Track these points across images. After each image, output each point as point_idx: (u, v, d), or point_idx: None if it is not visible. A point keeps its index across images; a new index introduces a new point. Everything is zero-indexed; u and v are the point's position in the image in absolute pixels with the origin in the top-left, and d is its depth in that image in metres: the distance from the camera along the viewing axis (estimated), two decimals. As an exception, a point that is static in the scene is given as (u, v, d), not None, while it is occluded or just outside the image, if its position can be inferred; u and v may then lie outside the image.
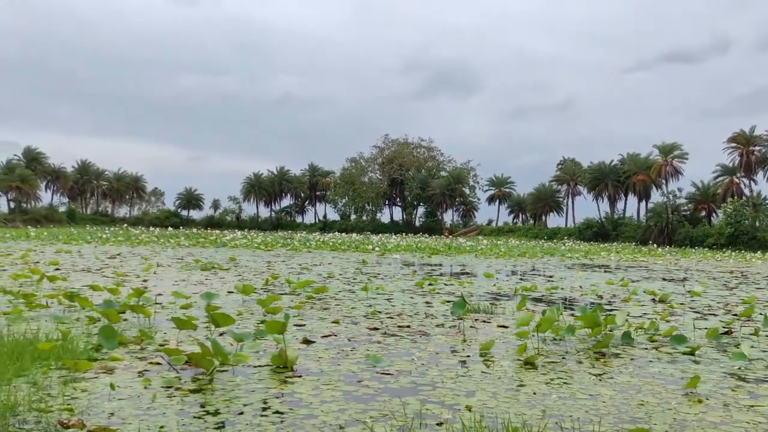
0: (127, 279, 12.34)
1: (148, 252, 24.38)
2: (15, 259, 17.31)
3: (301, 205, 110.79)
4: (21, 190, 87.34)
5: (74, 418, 3.46)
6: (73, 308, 7.79)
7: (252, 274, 14.65)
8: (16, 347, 4.90)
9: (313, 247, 31.87)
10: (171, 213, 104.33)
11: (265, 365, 4.93)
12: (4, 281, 11.07)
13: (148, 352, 5.35)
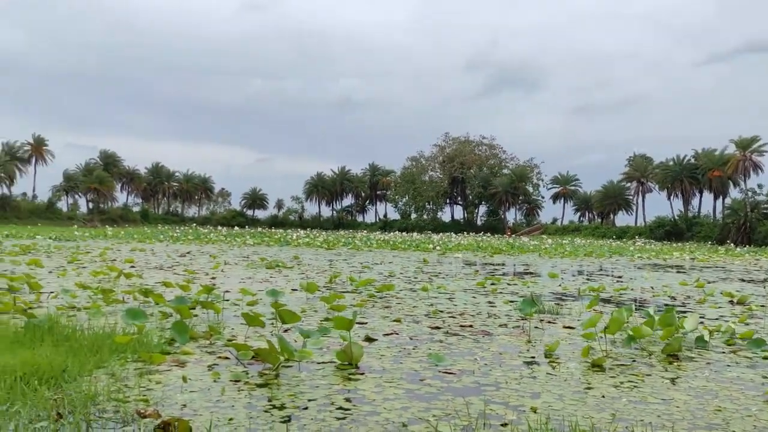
0: (197, 276, 12.73)
1: (215, 250, 25.10)
2: (94, 257, 18.15)
3: (362, 204, 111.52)
4: (98, 191, 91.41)
5: (150, 408, 3.60)
6: (147, 304, 8.11)
7: (315, 272, 14.87)
8: (95, 340, 5.14)
9: (374, 246, 32.06)
10: (237, 213, 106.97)
11: (328, 362, 5.00)
12: (84, 278, 11.62)
13: (217, 346, 5.51)
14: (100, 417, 3.48)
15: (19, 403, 3.61)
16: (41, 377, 4.06)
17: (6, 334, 5.29)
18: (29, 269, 13.13)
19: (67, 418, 3.41)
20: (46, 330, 5.42)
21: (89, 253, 20.05)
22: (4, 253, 18.28)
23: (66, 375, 4.18)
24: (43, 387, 3.87)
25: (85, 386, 3.93)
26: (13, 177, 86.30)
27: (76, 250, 21.99)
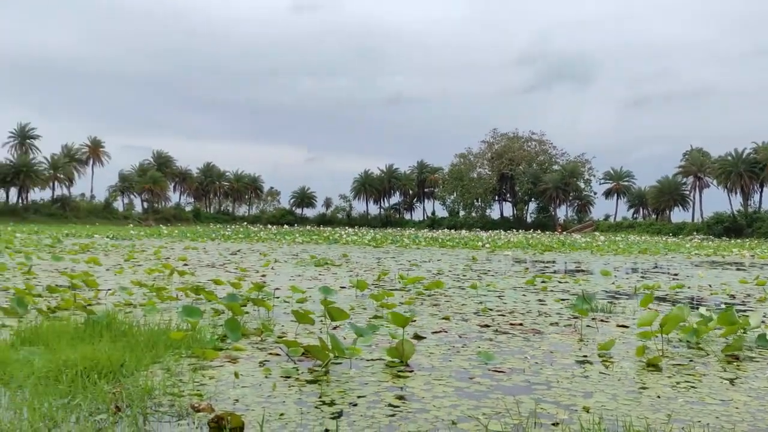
0: (248, 274, 12.95)
1: (265, 248, 25.49)
2: (149, 255, 18.68)
3: (410, 202, 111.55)
4: (153, 191, 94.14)
5: (204, 402, 3.69)
6: (199, 301, 8.29)
7: (363, 270, 14.94)
8: (151, 336, 5.29)
9: (422, 244, 32.01)
10: (286, 211, 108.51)
11: (377, 359, 5.02)
12: (140, 275, 11.97)
13: (267, 343, 5.59)
14: (156, 410, 3.58)
15: (80, 396, 3.74)
16: (100, 371, 4.20)
17: (67, 329, 5.49)
18: (88, 267, 13.60)
19: (125, 411, 3.51)
20: (104, 326, 5.60)
21: (144, 252, 20.64)
22: (64, 252, 18.99)
23: (124, 369, 4.31)
24: (102, 381, 4.01)
25: (142, 380, 4.04)
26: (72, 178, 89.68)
27: (132, 248, 22.67)
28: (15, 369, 4.29)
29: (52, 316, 6.67)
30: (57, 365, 4.25)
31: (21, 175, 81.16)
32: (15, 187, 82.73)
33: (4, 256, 16.72)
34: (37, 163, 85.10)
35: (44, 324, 5.73)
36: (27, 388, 3.89)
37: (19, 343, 5.13)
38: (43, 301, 7.86)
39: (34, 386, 3.91)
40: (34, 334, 5.33)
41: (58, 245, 23.24)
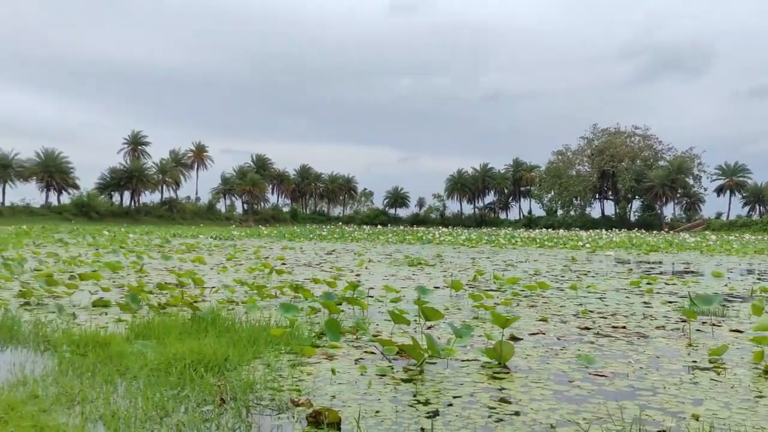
0: (343, 273, 13.19)
1: (360, 248, 25.87)
2: (249, 255, 19.42)
3: (505, 201, 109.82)
4: (252, 193, 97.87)
5: (302, 397, 3.78)
6: (297, 299, 8.53)
7: (457, 270, 14.84)
8: (252, 332, 5.49)
9: (518, 244, 31.42)
10: (379, 211, 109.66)
11: (472, 359, 4.97)
12: (241, 274, 12.46)
13: (362, 341, 5.67)
14: (258, 404, 3.71)
15: (188, 388, 3.94)
16: (206, 365, 4.40)
17: (176, 324, 5.80)
18: (194, 266, 14.31)
19: (229, 404, 3.67)
20: (209, 322, 5.88)
21: (245, 251, 21.47)
22: (172, 251, 20.08)
23: (228, 364, 4.50)
24: (208, 374, 4.20)
25: (245, 375, 4.21)
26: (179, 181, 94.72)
27: (234, 248, 23.64)
28: (130, 361, 4.58)
29: (162, 311, 7.06)
30: (167, 358, 4.50)
31: (133, 179, 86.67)
32: (128, 190, 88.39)
33: (119, 255, 17.90)
34: (148, 167, 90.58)
35: (155, 319, 6.08)
36: (141, 379, 4.15)
37: (133, 336, 5.47)
38: (154, 297, 8.34)
39: (147, 377, 4.16)
40: (146, 328, 5.67)
41: (167, 245, 24.60)
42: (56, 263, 14.24)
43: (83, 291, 9.08)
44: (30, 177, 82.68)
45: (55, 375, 4.30)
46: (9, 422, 3.15)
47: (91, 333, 5.41)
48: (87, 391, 3.88)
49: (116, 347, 4.96)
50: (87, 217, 75.93)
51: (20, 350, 5.25)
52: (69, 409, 3.59)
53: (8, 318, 6.28)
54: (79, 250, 20.59)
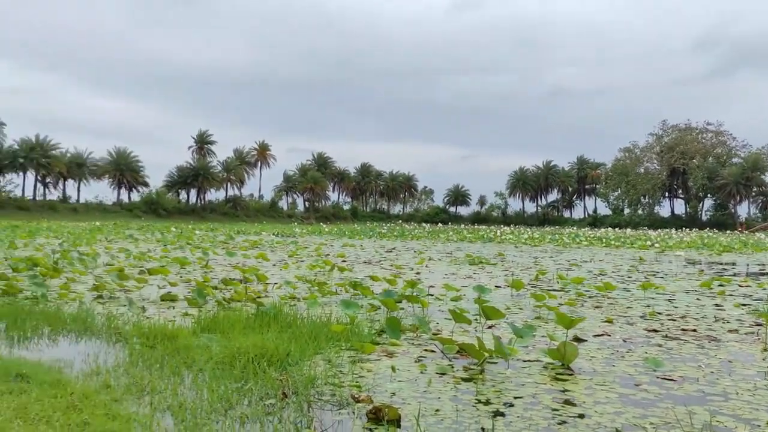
0: (402, 271, 13.20)
1: (419, 246, 25.84)
2: (310, 252, 19.69)
3: (569, 199, 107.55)
4: (313, 190, 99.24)
5: (363, 393, 3.81)
6: (357, 296, 8.59)
7: (519, 269, 14.63)
8: (313, 328, 5.56)
9: (583, 243, 30.71)
10: (440, 209, 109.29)
11: (534, 360, 4.88)
12: (302, 271, 12.65)
13: (422, 340, 5.66)
14: (319, 399, 3.76)
15: (252, 382, 4.03)
16: (269, 359, 4.49)
17: (239, 319, 5.94)
18: (257, 262, 14.61)
19: (291, 398, 3.72)
20: (272, 317, 5.99)
21: (306, 248, 21.78)
22: (236, 248, 20.56)
23: (289, 359, 4.57)
24: (270, 368, 4.28)
25: (306, 370, 4.27)
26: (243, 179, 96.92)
27: (296, 245, 24.02)
28: (196, 354, 4.71)
29: (227, 306, 7.24)
30: (231, 352, 4.61)
31: (200, 177, 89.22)
32: (194, 188, 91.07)
33: (186, 251, 18.46)
34: (213, 166, 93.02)
35: (220, 314, 6.24)
36: (206, 372, 4.26)
37: (199, 330, 5.63)
38: (219, 292, 8.56)
39: (212, 370, 4.28)
40: (211, 322, 5.83)
41: (231, 242, 25.21)
42: (127, 258, 14.81)
43: (152, 285, 9.41)
44: (103, 175, 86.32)
45: (126, 366, 4.47)
46: (83, 410, 3.30)
47: (160, 326, 5.60)
48: (156, 382, 4.02)
49: (183, 340, 5.12)
50: (155, 214, 78.69)
51: (94, 341, 5.48)
52: (139, 398, 3.72)
53: (83, 310, 6.58)
54: (148, 245, 21.35)
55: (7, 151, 75.73)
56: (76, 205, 78.87)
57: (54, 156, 78.48)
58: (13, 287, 8.22)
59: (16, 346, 5.28)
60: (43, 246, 19.03)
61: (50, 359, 4.69)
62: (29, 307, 6.78)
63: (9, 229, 31.19)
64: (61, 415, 3.20)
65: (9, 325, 5.95)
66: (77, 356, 4.86)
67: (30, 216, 63.36)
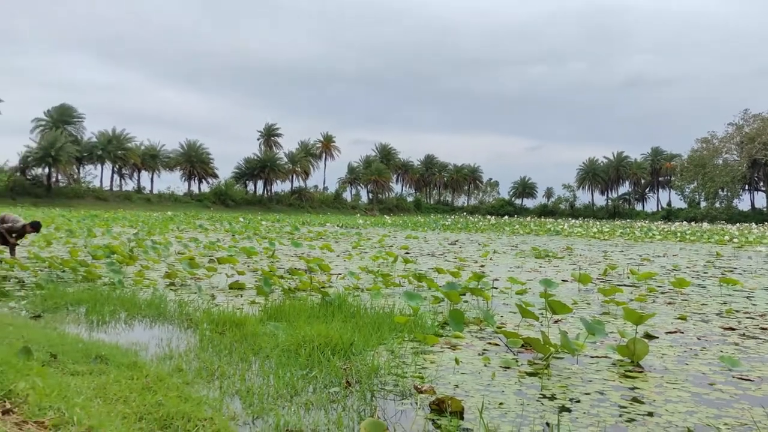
0: (467, 264, 13.11)
1: (484, 239, 25.59)
2: (374, 243, 19.81)
3: (641, 192, 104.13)
4: (377, 182, 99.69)
5: (426, 384, 3.81)
6: (420, 288, 8.59)
7: (587, 263, 14.28)
8: (377, 319, 5.61)
9: (656, 237, 29.70)
10: (505, 202, 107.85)
11: (602, 356, 4.76)
12: (366, 262, 12.75)
13: (486, 333, 5.61)
14: (382, 388, 3.79)
15: (316, 370, 4.10)
16: (333, 348, 4.55)
17: (304, 308, 6.04)
18: (321, 253, 14.82)
19: (354, 387, 3.77)
20: (336, 307, 6.07)
21: (370, 240, 21.92)
22: (301, 238, 20.91)
23: (353, 348, 4.62)
24: (335, 357, 4.34)
25: (369, 360, 4.30)
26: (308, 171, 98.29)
27: (359, 236, 24.21)
28: (263, 341, 4.83)
29: (292, 295, 7.38)
30: (297, 340, 4.69)
31: (266, 169, 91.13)
32: (261, 179, 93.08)
33: (253, 241, 18.91)
34: (279, 158, 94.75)
35: (286, 302, 6.37)
36: (273, 359, 4.36)
37: (266, 318, 5.77)
38: (285, 282, 8.73)
39: (279, 357, 4.37)
40: (278, 311, 5.96)
41: (296, 232, 25.66)
42: (197, 247, 15.30)
43: (221, 274, 9.68)
44: (175, 167, 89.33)
45: (197, 351, 4.62)
46: (158, 392, 3.43)
47: (228, 313, 5.77)
48: (225, 367, 4.14)
49: (250, 327, 5.26)
50: (224, 204, 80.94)
51: (166, 326, 5.70)
52: (209, 383, 3.84)
53: (156, 297, 6.84)
54: (217, 235, 21.99)
55: (87, 143, 79.38)
56: (149, 196, 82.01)
57: (129, 148, 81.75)
58: (93, 273, 8.63)
59: (96, 329, 5.55)
60: (119, 234, 19.89)
61: (127, 342, 4.90)
62: (107, 292, 7.10)
63: (88, 218, 32.73)
64: (137, 395, 3.34)
65: (89, 309, 6.25)
66: (151, 340, 5.06)
67: (107, 206, 66.35)
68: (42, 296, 6.85)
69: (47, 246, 14.16)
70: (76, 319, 5.94)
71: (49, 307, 6.35)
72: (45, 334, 4.78)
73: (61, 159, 69.25)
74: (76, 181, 77.47)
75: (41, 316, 5.92)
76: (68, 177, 75.72)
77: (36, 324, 5.46)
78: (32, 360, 3.74)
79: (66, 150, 69.62)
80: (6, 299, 6.84)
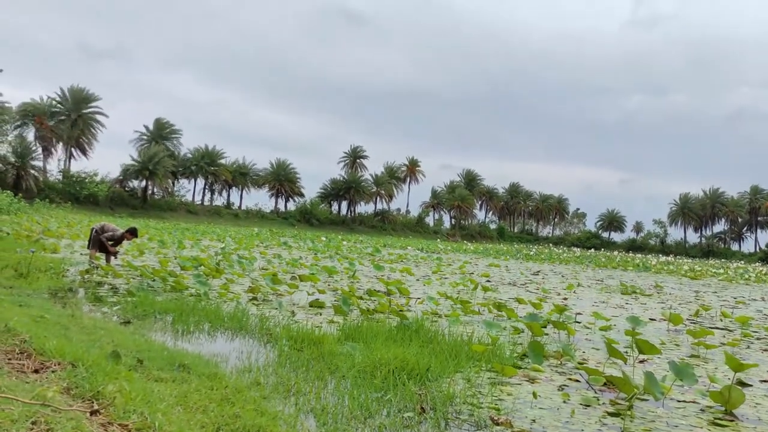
0: (549, 295, 12.78)
1: (568, 271, 24.88)
2: (454, 269, 19.66)
3: (738, 231, 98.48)
4: (461, 208, 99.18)
5: (502, 417, 3.73)
6: (500, 317, 8.43)
7: (677, 302, 13.60)
8: (454, 346, 5.55)
9: (752, 280, 27.95)
10: (591, 234, 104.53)
11: (690, 401, 4.51)
12: (445, 288, 12.66)
13: (567, 368, 5.43)
14: (456, 417, 3.73)
15: (391, 393, 4.09)
16: (409, 373, 4.53)
17: (382, 330, 6.06)
18: (401, 276, 14.83)
19: (429, 413, 3.73)
20: (413, 331, 6.05)
21: (450, 266, 21.77)
22: (382, 261, 21.02)
23: (429, 374, 4.58)
24: (410, 382, 4.32)
25: (445, 387, 4.26)
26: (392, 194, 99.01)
27: (440, 261, 24.08)
28: (339, 360, 4.87)
29: (371, 317, 7.42)
30: (373, 362, 4.71)
31: (351, 190, 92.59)
32: (346, 200, 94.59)
33: (335, 261, 19.18)
34: (364, 179, 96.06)
35: (364, 323, 6.41)
36: (348, 379, 4.39)
37: (344, 338, 5.82)
38: (363, 303, 8.80)
39: (354, 378, 4.40)
40: (355, 331, 6.01)
41: (377, 254, 25.83)
42: (280, 264, 15.67)
43: (302, 291, 9.87)
44: (263, 184, 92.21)
45: (275, 366, 4.72)
46: (236, 404, 3.52)
47: (307, 331, 5.86)
48: (301, 384, 4.21)
49: (328, 346, 5.32)
50: (308, 223, 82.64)
51: (247, 340, 5.86)
52: (285, 398, 3.91)
53: (239, 310, 7.05)
54: (300, 253, 22.46)
55: (182, 158, 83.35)
56: (237, 211, 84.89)
57: (221, 164, 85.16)
58: (180, 284, 9.01)
59: (180, 338, 5.78)
60: (207, 248, 20.68)
61: (209, 353, 5.07)
62: (193, 303, 7.38)
63: (179, 230, 34.25)
64: (216, 406, 3.45)
65: (175, 318, 6.52)
66: (232, 352, 5.21)
67: (197, 219, 69.21)
68: (133, 303, 7.21)
69: (140, 255, 14.91)
70: (163, 327, 6.21)
71: (138, 314, 6.67)
72: (133, 340, 5.02)
73: (158, 173, 72.92)
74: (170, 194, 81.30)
75: (131, 322, 6.23)
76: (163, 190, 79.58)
77: (125, 329, 5.75)
78: (120, 364, 3.93)
79: (162, 164, 73.31)
80: (100, 304, 7.25)
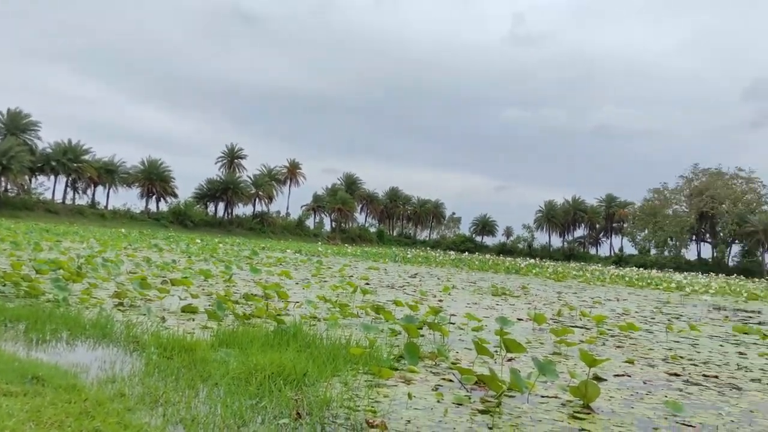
0: (426, 298, 13.13)
1: (444, 274, 25.70)
2: (334, 273, 19.70)
3: (596, 236, 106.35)
4: (341, 211, 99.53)
5: (378, 419, 3.77)
6: (378, 320, 8.55)
7: (542, 303, 14.46)
8: (332, 350, 5.55)
9: (607, 281, 30.29)
10: (466, 238, 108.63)
11: (552, 396, 4.80)
12: (325, 291, 12.65)
13: (441, 368, 5.60)
14: (333, 421, 3.73)
15: (266, 400, 4.02)
16: (286, 378, 4.48)
17: (258, 335, 5.94)
18: (280, 279, 14.66)
19: (305, 419, 3.70)
20: (291, 336, 5.98)
21: (330, 269, 21.80)
22: (260, 264, 20.66)
23: (306, 379, 4.55)
24: (286, 387, 4.27)
25: (322, 391, 4.24)
26: (272, 196, 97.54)
27: (319, 265, 24.05)
28: (213, 368, 4.72)
29: (247, 322, 7.26)
30: (248, 368, 4.61)
31: (228, 191, 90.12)
32: (222, 202, 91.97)
33: (210, 264, 18.60)
34: (243, 181, 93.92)
35: (239, 329, 6.26)
36: (222, 387, 4.27)
37: (218, 344, 5.65)
38: (240, 307, 8.59)
39: (228, 385, 4.28)
40: (230, 337, 5.85)
41: (255, 257, 25.35)
42: (150, 267, 14.97)
43: (173, 296, 9.48)
44: (133, 183, 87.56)
45: (142, 375, 4.49)
46: (96, 417, 3.31)
47: (178, 337, 5.63)
48: (170, 394, 4.03)
49: (201, 353, 5.14)
50: (182, 225, 79.50)
51: (111, 348, 5.53)
52: (152, 409, 3.73)
53: (103, 317, 6.64)
54: (173, 256, 21.56)
55: (41, 153, 77.29)
56: (104, 212, 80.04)
57: (85, 161, 79.86)
58: (36, 289, 8.35)
59: (35, 348, 5.36)
60: (68, 250, 19.34)
61: (67, 363, 4.74)
62: (50, 309, 6.87)
63: (36, 231, 31.77)
64: (73, 420, 3.22)
65: (29, 326, 6.03)
66: (94, 362, 4.90)
67: (58, 219, 64.55)
68: (-19, 310, 6.59)
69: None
70: (15, 336, 5.73)
71: (-13, 323, 6.10)
72: (-19, 351, 4.59)
73: (12, 168, 67.22)
74: (26, 192, 75.19)
75: (-20, 331, 5.69)
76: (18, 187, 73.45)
77: (-26, 339, 5.25)
78: (-35, 377, 3.58)
79: (18, 159, 67.64)
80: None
